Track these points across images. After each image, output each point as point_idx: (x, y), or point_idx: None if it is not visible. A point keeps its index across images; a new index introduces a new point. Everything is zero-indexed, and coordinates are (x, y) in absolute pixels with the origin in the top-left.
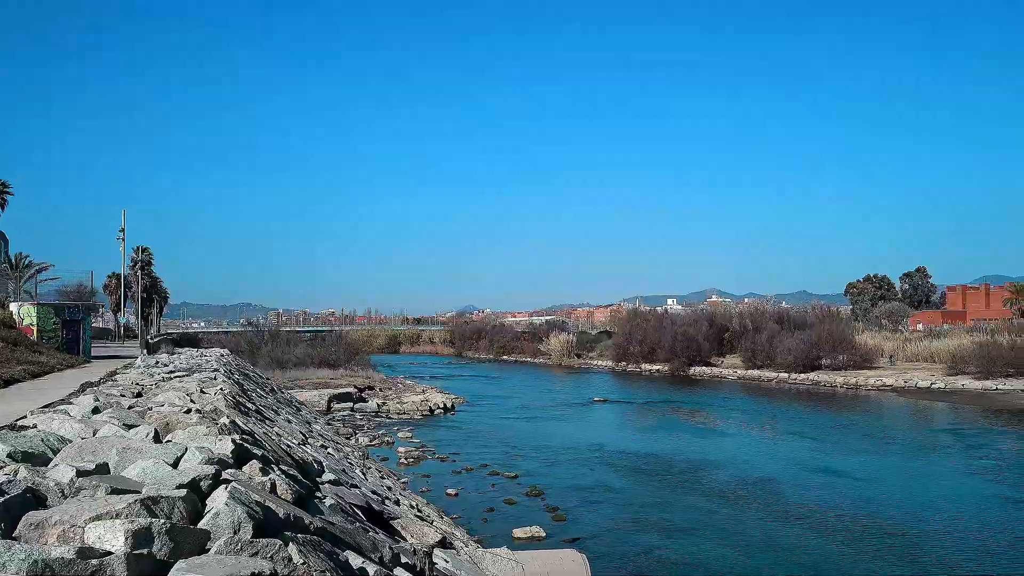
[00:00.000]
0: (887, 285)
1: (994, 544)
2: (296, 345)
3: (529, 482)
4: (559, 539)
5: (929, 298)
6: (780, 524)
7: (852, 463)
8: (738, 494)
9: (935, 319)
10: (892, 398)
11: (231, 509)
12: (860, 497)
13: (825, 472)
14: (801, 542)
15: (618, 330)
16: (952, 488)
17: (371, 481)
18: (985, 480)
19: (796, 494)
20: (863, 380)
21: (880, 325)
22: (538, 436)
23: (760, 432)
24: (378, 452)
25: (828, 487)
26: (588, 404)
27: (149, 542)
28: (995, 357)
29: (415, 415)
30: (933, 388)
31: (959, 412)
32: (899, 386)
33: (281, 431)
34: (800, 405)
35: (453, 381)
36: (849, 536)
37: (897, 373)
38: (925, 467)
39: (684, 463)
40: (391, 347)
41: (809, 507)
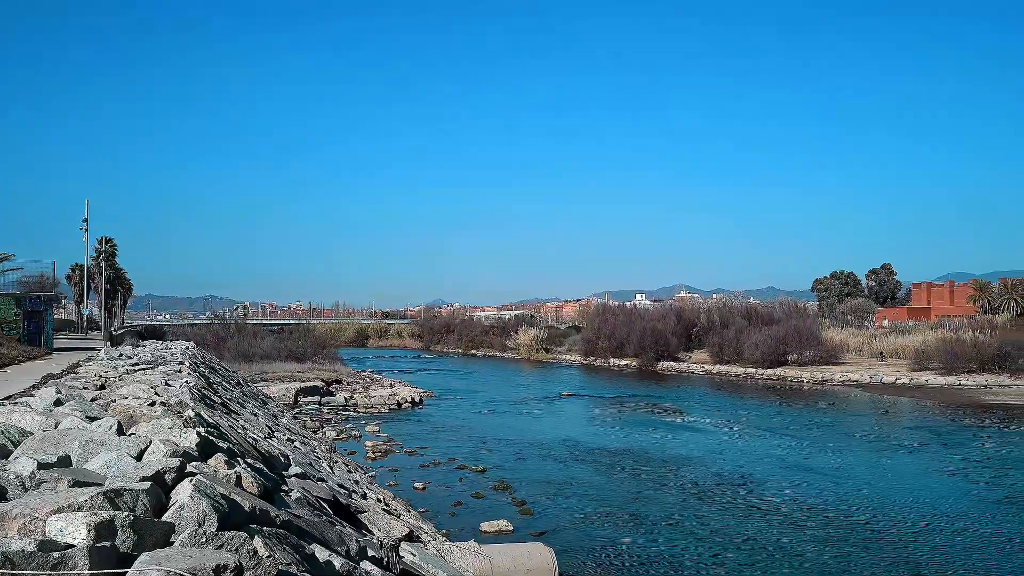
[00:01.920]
0: (853, 282)
1: (960, 537)
2: (263, 338)
3: (497, 476)
4: (526, 533)
5: (894, 295)
6: (748, 518)
7: (819, 458)
8: (707, 489)
9: (900, 315)
10: (858, 393)
11: (196, 502)
12: (828, 491)
13: (793, 467)
14: (769, 536)
15: (587, 325)
16: (918, 483)
17: (338, 475)
18: (950, 474)
19: (765, 489)
20: (829, 375)
21: (846, 321)
22: (506, 430)
23: (728, 427)
24: (345, 446)
25: (796, 482)
26: (556, 398)
27: (112, 535)
28: (959, 353)
29: (383, 409)
30: (898, 383)
31: (923, 407)
32: (864, 381)
33: (247, 424)
34: (767, 400)
35: (421, 375)
36: (816, 530)
37: (863, 368)
38: (891, 462)
39: (652, 458)
40: (359, 341)
41: (778, 501)
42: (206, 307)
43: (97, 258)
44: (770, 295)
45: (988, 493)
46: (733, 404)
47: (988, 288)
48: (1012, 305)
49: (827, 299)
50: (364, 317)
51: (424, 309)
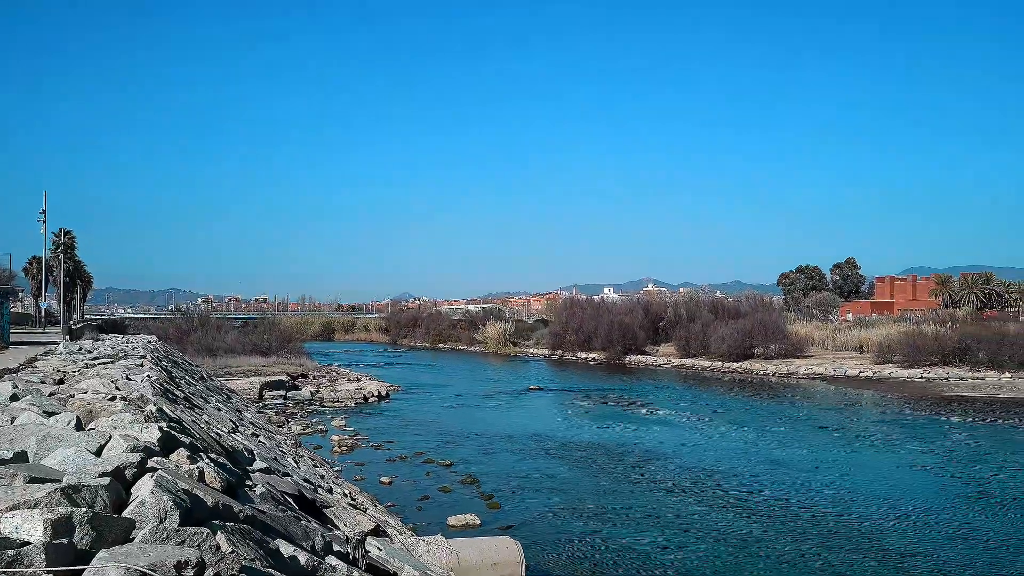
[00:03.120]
0: (818, 276)
1: (928, 530)
2: (227, 332)
3: (464, 470)
4: (494, 526)
5: (858, 289)
6: (717, 512)
7: (787, 451)
8: (675, 482)
9: (864, 309)
10: (822, 386)
11: (157, 497)
12: (796, 485)
13: (761, 461)
14: (738, 529)
15: (555, 319)
16: (884, 476)
17: (303, 469)
18: (914, 468)
19: (734, 482)
20: (794, 368)
21: (811, 315)
22: (473, 424)
23: (696, 421)
24: (311, 440)
25: (765, 476)
26: (524, 392)
27: (70, 531)
28: (921, 346)
29: (349, 403)
30: (861, 376)
31: (887, 400)
32: (829, 374)
33: (211, 419)
34: (734, 393)
35: (388, 369)
36: (786, 523)
37: (827, 362)
38: (856, 455)
39: (620, 452)
40: (325, 335)
41: (746, 495)
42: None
43: (55, 250)
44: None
45: (952, 486)
46: (700, 397)
47: (949, 282)
48: (972, 299)
49: (792, 293)
50: (330, 311)
51: (391, 303)
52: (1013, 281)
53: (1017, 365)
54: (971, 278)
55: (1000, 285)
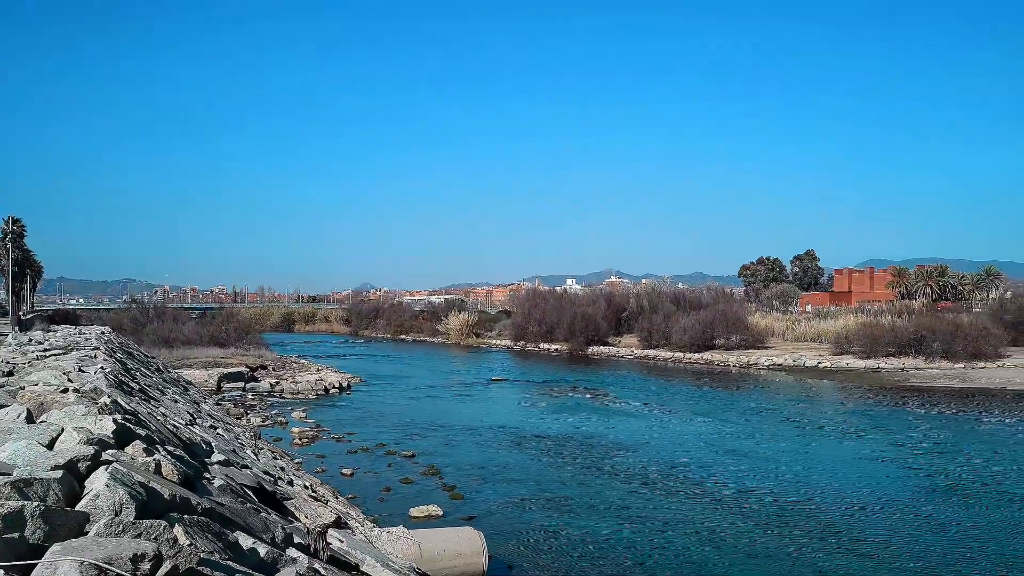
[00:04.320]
0: (779, 267)
1: (890, 519)
2: (184, 323)
3: (426, 461)
4: (456, 517)
5: (818, 280)
6: (681, 502)
7: (748, 442)
8: (637, 472)
9: (823, 300)
10: (782, 377)
11: (112, 490)
12: (755, 473)
13: (724, 451)
14: (699, 518)
15: (517, 310)
16: (840, 463)
17: (263, 462)
18: (873, 457)
19: (697, 473)
20: (755, 359)
21: (772, 306)
22: (436, 416)
23: (659, 412)
24: (271, 432)
25: (727, 466)
26: (486, 384)
27: (21, 525)
28: (877, 337)
29: (310, 395)
30: (820, 367)
31: (845, 390)
32: (788, 365)
33: (167, 411)
34: (696, 384)
35: (349, 360)
36: (745, 511)
37: (787, 353)
38: (816, 446)
39: (584, 443)
40: (285, 326)
41: (710, 486)
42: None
43: (3, 239)
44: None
45: (910, 476)
46: (663, 388)
47: (906, 275)
48: (928, 291)
49: (753, 284)
50: (290, 302)
51: (352, 294)
52: (967, 273)
53: (970, 356)
54: (927, 270)
55: (954, 277)
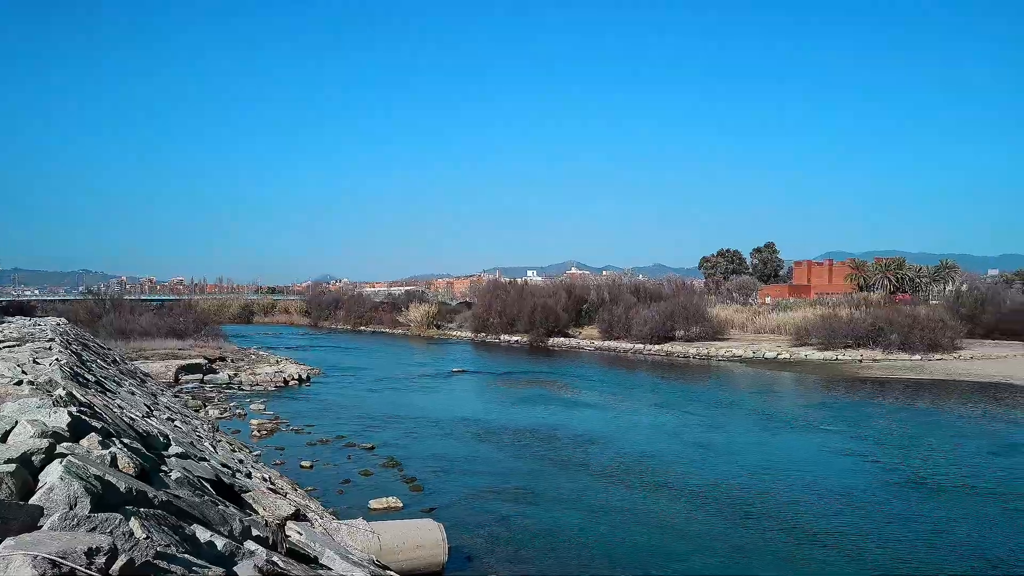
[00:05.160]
0: (739, 260)
1: (850, 510)
2: (141, 314)
3: (386, 453)
4: (416, 509)
5: (777, 272)
6: (640, 493)
7: (708, 433)
8: (598, 464)
9: (782, 292)
10: (741, 368)
11: (67, 484)
12: (716, 465)
13: (683, 442)
14: (660, 509)
15: (478, 301)
16: (800, 455)
17: (221, 454)
18: (833, 448)
19: (656, 464)
20: (715, 351)
21: (732, 298)
22: (396, 407)
23: (620, 403)
24: (229, 425)
25: (687, 457)
26: (447, 375)
27: None
28: (835, 329)
29: (269, 387)
30: (779, 359)
31: (803, 382)
32: (748, 357)
33: (124, 403)
34: (656, 376)
35: (309, 352)
36: (707, 503)
37: (746, 344)
38: (774, 435)
39: (544, 434)
40: (244, 317)
41: (669, 476)
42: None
43: None
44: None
45: (870, 467)
46: (624, 380)
47: (864, 267)
48: (885, 283)
49: (714, 276)
50: (249, 293)
51: (312, 285)
52: (924, 266)
53: (926, 348)
54: (884, 263)
55: (912, 270)
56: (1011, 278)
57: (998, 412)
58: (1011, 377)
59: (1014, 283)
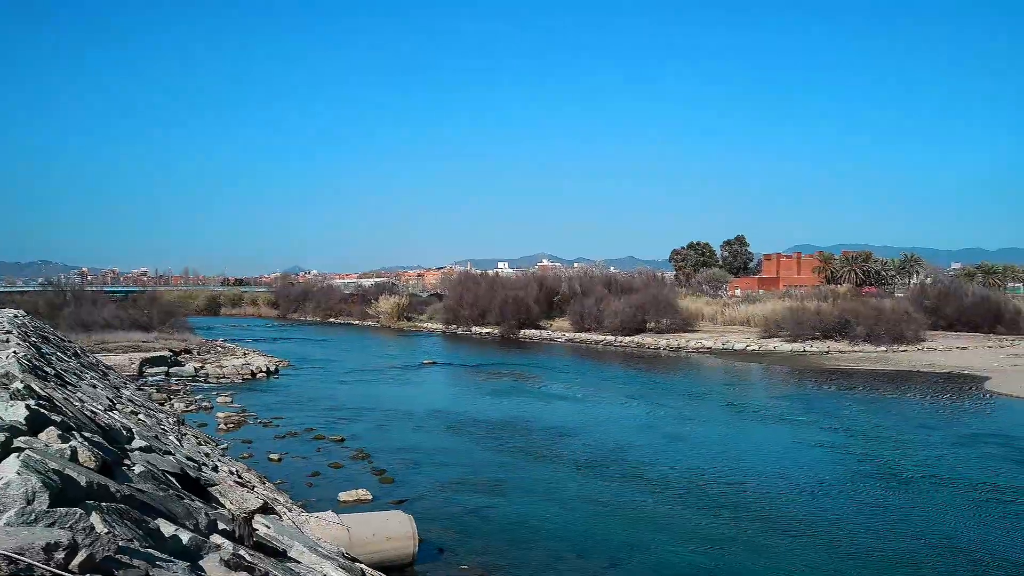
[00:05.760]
0: (709, 252)
1: (821, 499)
2: (104, 306)
3: (356, 445)
4: (387, 501)
5: (747, 265)
6: (611, 484)
7: (679, 424)
8: (569, 456)
9: (752, 285)
10: (711, 360)
11: (24, 478)
12: (687, 455)
13: (654, 433)
14: (632, 500)
15: (449, 293)
16: (769, 445)
17: (187, 447)
18: (797, 435)
19: (627, 455)
20: (685, 343)
21: (702, 290)
22: (365, 399)
23: (592, 395)
24: (195, 418)
25: (658, 448)
26: (418, 367)
27: None
28: (803, 321)
29: (236, 379)
30: (748, 350)
31: (772, 373)
32: (718, 348)
33: (85, 396)
34: (627, 367)
35: (277, 344)
36: (679, 493)
37: (716, 336)
38: (744, 426)
39: (514, 426)
40: (211, 309)
41: (640, 467)
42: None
43: None
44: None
45: (842, 457)
46: (595, 371)
47: (832, 260)
48: (852, 276)
49: (684, 269)
50: (216, 284)
51: (280, 276)
52: (889, 259)
53: (892, 339)
54: (851, 256)
55: (878, 263)
56: (972, 271)
57: (960, 402)
58: (971, 368)
59: (975, 276)
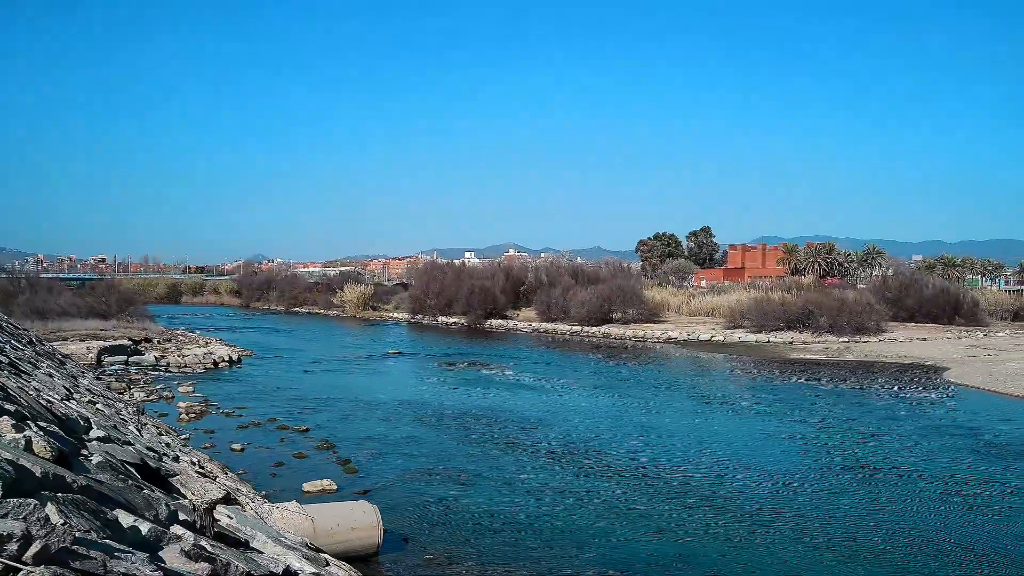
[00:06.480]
0: (675, 243)
1: (782, 482)
2: (60, 294)
3: (320, 435)
4: (351, 491)
5: (713, 256)
6: (578, 474)
7: (643, 414)
8: (535, 445)
9: (717, 276)
10: (676, 350)
11: None
12: (654, 446)
13: (621, 424)
14: (598, 490)
15: (415, 282)
16: (735, 434)
17: (147, 438)
18: (766, 426)
19: (594, 445)
20: (650, 333)
21: (668, 281)
22: (330, 389)
23: (557, 384)
24: (156, 407)
25: (625, 438)
26: (383, 357)
27: None
28: (768, 312)
29: (198, 368)
30: (713, 340)
31: (737, 363)
32: (683, 339)
33: (40, 386)
34: (593, 357)
35: (240, 333)
36: (646, 483)
37: (681, 327)
38: (708, 416)
39: (481, 415)
40: (172, 297)
41: (607, 458)
42: None
43: None
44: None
45: (808, 448)
46: (561, 361)
47: (796, 251)
48: (816, 267)
49: (650, 260)
50: (177, 272)
51: (243, 264)
52: (852, 251)
53: (854, 330)
54: (815, 248)
55: (841, 255)
56: (933, 264)
57: (920, 393)
58: (930, 359)
59: (935, 268)
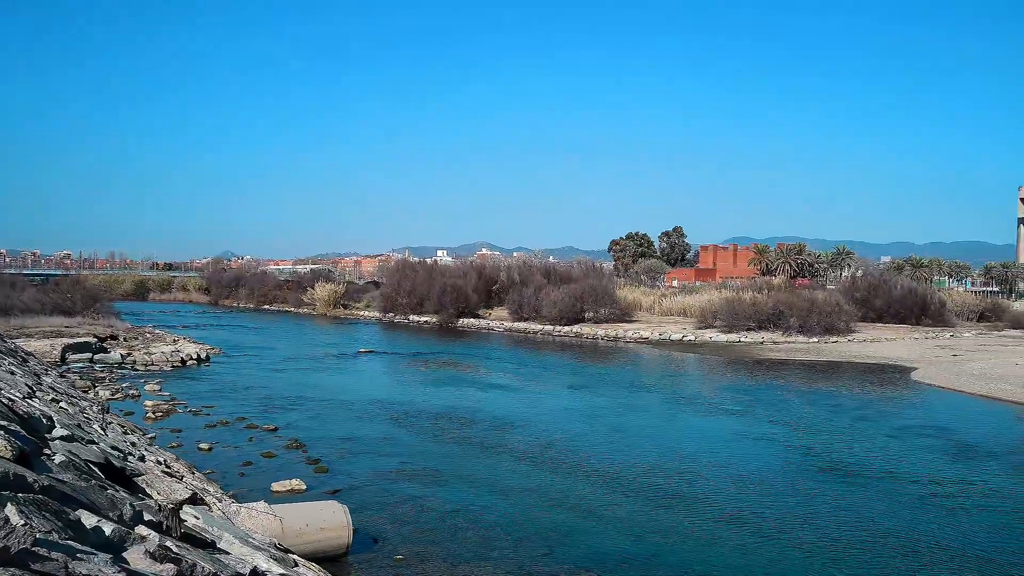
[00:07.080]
0: (647, 243)
1: (755, 483)
2: (23, 290)
3: (289, 435)
4: (321, 491)
5: (684, 256)
6: (550, 473)
7: (616, 414)
8: (507, 445)
9: (689, 276)
10: (648, 350)
11: None
12: (625, 445)
13: (592, 423)
14: (571, 490)
15: (387, 280)
16: (704, 434)
17: (112, 437)
18: (738, 426)
19: (566, 445)
20: (622, 332)
21: (640, 281)
22: (300, 388)
23: (529, 384)
24: (122, 406)
25: (596, 437)
26: (353, 356)
27: None
28: (738, 312)
29: (165, 367)
30: (684, 340)
31: (708, 363)
32: (654, 339)
33: (1, 383)
34: (565, 357)
35: (209, 331)
36: (620, 483)
37: (653, 326)
38: (680, 416)
39: (452, 415)
40: (139, 294)
41: (580, 457)
42: None
43: None
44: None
45: (780, 448)
46: (533, 361)
47: (767, 252)
48: (787, 268)
49: (623, 259)
50: (144, 269)
51: (212, 261)
52: (822, 252)
53: (823, 331)
54: (786, 248)
55: (811, 256)
56: (901, 265)
57: (888, 393)
58: (898, 359)
59: (904, 269)
